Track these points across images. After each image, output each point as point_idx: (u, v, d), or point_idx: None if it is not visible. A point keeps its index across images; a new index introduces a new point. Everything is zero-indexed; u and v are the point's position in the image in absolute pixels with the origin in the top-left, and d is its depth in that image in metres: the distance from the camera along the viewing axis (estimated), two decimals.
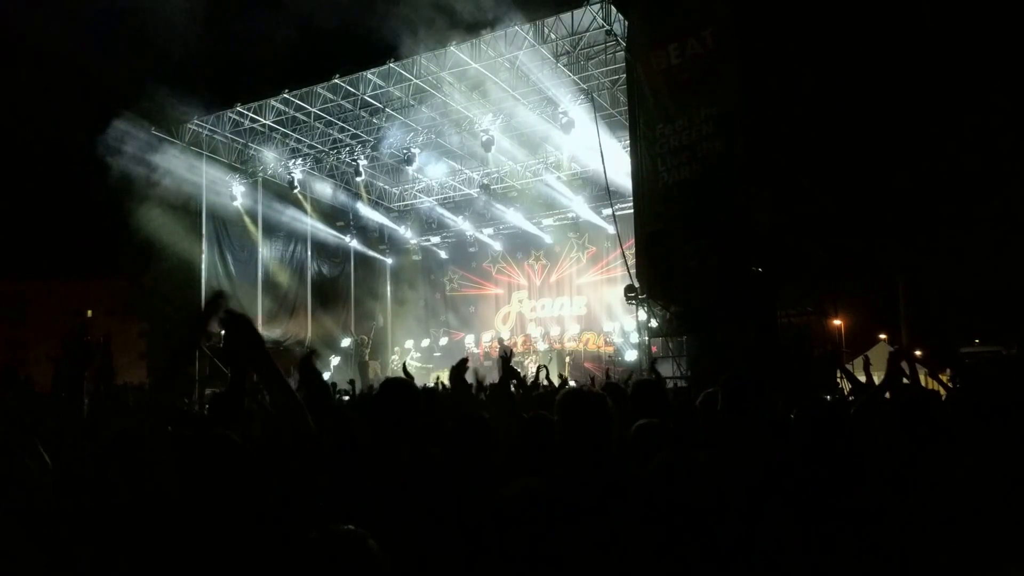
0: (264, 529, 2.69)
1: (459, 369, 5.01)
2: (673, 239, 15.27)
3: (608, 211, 20.05)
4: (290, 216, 25.57)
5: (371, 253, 28.95)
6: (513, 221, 26.36)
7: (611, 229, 21.30)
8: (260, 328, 17.97)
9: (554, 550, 2.49)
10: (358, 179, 24.70)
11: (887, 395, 5.11)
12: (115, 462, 3.06)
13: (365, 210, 27.79)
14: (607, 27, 17.28)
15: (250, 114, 21.87)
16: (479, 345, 25.52)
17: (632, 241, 17.35)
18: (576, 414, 3.14)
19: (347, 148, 23.27)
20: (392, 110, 21.16)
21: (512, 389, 5.70)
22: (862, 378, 6.55)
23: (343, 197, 27.71)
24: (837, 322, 18.71)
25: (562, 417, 3.19)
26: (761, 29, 15.79)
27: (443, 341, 27.33)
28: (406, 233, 28.77)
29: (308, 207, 26.17)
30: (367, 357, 25.32)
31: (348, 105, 21.07)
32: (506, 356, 5.62)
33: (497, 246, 27.61)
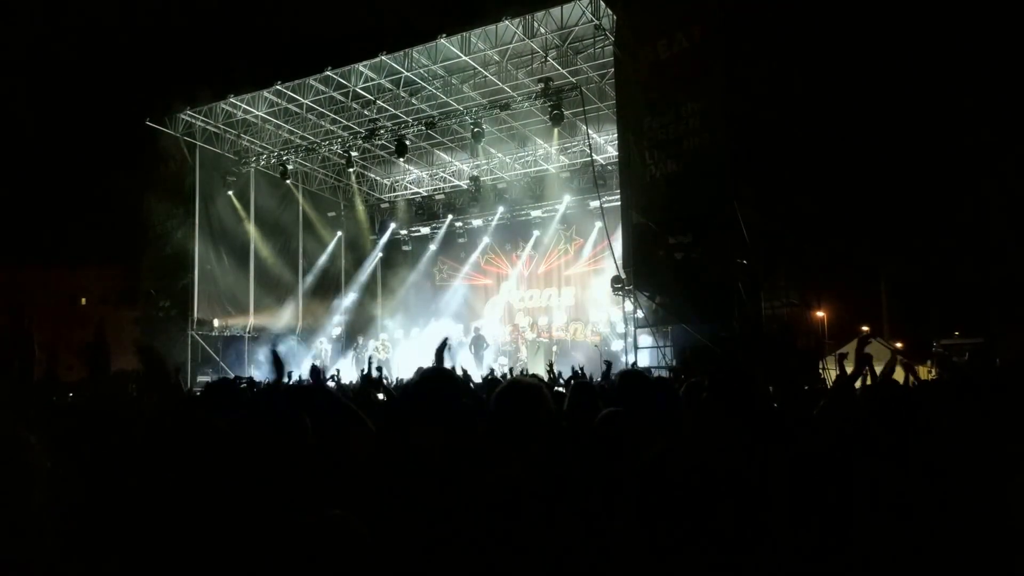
0: (254, 514, 2.73)
1: (440, 349, 4.96)
2: (659, 231, 15.52)
3: (596, 203, 20.24)
4: (282, 206, 25.75)
5: (362, 243, 29.15)
6: (502, 212, 26.58)
7: (599, 221, 21.50)
8: (252, 318, 18.07)
9: (527, 539, 2.53)
10: (349, 170, 24.94)
11: (859, 383, 5.25)
12: (108, 448, 3.12)
13: (356, 201, 28.02)
14: (596, 22, 17.47)
15: (243, 105, 21.99)
16: (468, 334, 25.70)
17: (619, 233, 17.58)
18: (510, 406, 3.21)
19: (339, 139, 23.41)
20: (383, 102, 21.34)
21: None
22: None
23: (335, 188, 27.93)
24: (820, 314, 18.98)
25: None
26: (748, 26, 16.04)
27: (433, 331, 27.46)
28: (396, 224, 28.96)
29: (300, 197, 26.36)
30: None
31: (340, 97, 21.21)
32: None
33: (486, 237, 27.79)
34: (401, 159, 23.20)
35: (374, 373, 6.62)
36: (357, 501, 2.84)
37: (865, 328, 31.61)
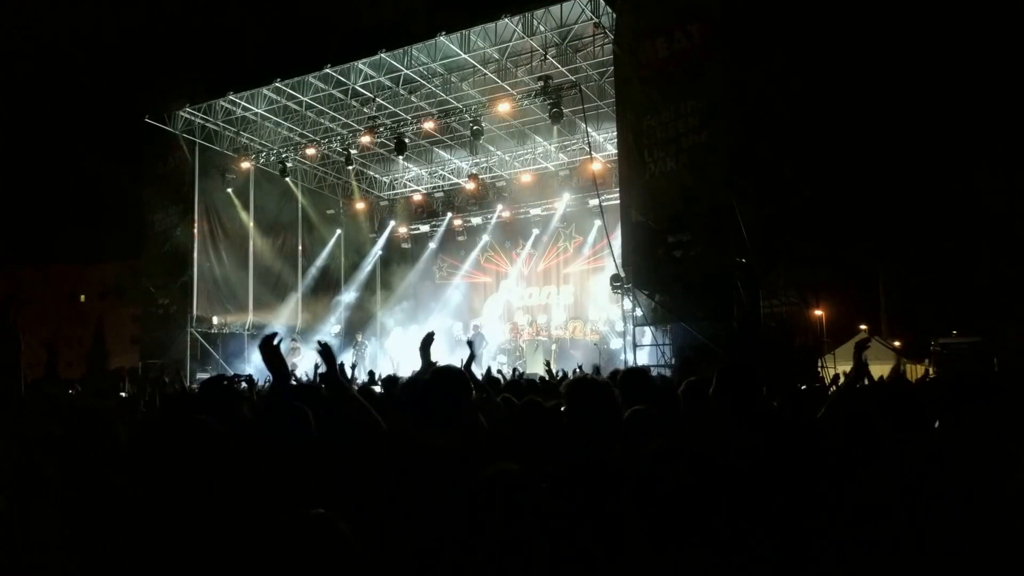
0: (235, 513, 2.74)
1: (426, 342, 4.93)
2: (659, 229, 15.52)
3: (595, 201, 20.25)
4: (281, 204, 25.76)
5: (361, 241, 29.15)
6: (501, 211, 26.58)
7: (598, 219, 21.51)
8: (251, 315, 18.16)
9: (530, 534, 2.53)
10: (349, 168, 24.95)
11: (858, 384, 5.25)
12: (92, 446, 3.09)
13: (356, 199, 28.03)
14: (595, 20, 17.46)
15: (242, 103, 22.00)
16: (467, 332, 25.72)
17: (619, 231, 17.58)
18: (584, 401, 3.29)
19: (338, 137, 23.41)
20: (383, 100, 21.32)
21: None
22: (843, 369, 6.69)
23: (334, 185, 27.93)
24: (819, 313, 18.98)
25: (570, 404, 3.34)
26: (748, 24, 16.04)
27: (431, 329, 27.39)
28: (396, 221, 28.96)
29: (299, 195, 26.37)
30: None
31: (339, 95, 21.19)
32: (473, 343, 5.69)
33: (486, 235, 27.77)
34: (400, 157, 23.18)
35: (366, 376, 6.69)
36: (359, 500, 2.86)
37: (864, 327, 31.65)
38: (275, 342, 3.73)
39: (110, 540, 2.68)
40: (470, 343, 4.79)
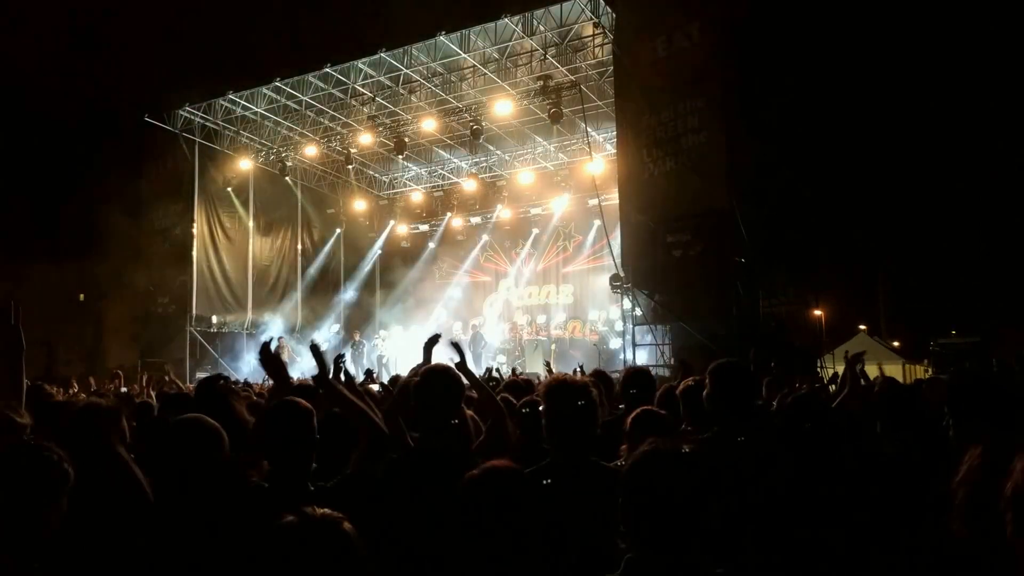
0: (237, 512, 2.73)
1: (430, 344, 4.64)
2: (658, 229, 15.53)
3: (595, 201, 20.25)
4: (281, 203, 25.74)
5: (361, 241, 29.13)
6: (501, 210, 26.58)
7: (597, 219, 21.51)
8: (250, 314, 18.07)
9: (520, 531, 2.53)
10: (349, 167, 24.93)
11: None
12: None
13: (355, 198, 28.01)
14: (595, 20, 17.46)
15: (242, 101, 21.97)
16: (466, 331, 25.70)
17: (618, 231, 17.57)
18: (562, 401, 3.24)
19: (338, 136, 23.40)
20: (383, 99, 21.30)
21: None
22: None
23: (334, 184, 27.91)
24: (818, 312, 19.00)
25: (548, 404, 3.29)
26: (747, 23, 16.04)
27: (431, 328, 27.39)
28: (395, 221, 28.96)
29: (299, 194, 26.36)
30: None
31: (339, 94, 21.17)
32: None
33: (485, 235, 27.78)
34: (400, 156, 23.17)
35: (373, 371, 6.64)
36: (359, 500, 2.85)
37: (863, 327, 31.64)
38: (272, 348, 3.82)
39: (114, 538, 2.67)
40: (455, 345, 4.49)
